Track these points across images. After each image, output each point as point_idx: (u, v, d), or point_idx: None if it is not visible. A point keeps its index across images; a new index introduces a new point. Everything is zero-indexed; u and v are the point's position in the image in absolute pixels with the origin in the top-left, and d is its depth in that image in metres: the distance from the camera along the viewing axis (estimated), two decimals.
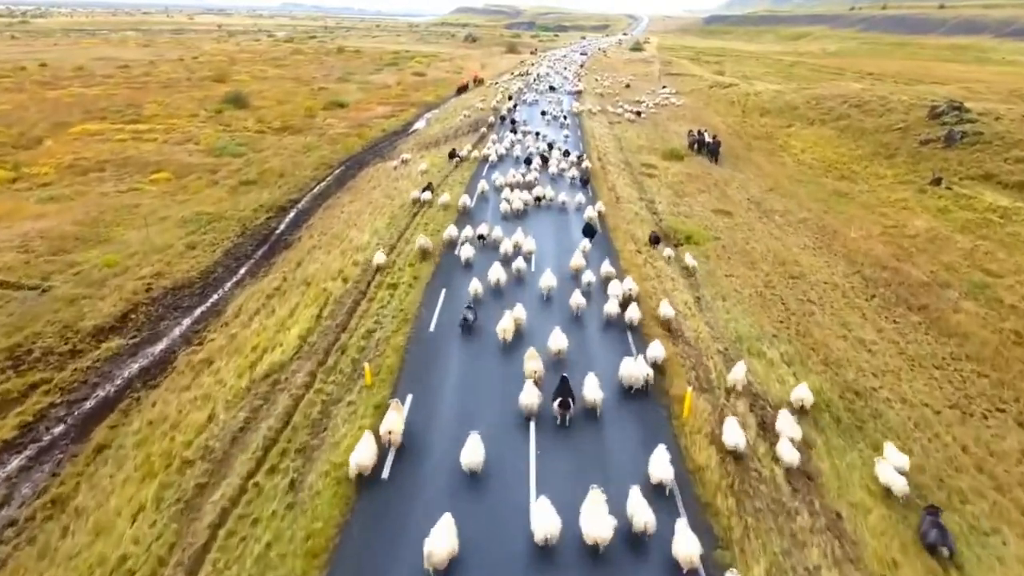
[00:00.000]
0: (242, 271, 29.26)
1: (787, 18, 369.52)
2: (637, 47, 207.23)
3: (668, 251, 29.35)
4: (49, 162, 47.05)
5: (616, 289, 22.39)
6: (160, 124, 62.28)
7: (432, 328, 19.66)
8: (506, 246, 26.40)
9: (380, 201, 34.93)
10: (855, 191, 41.90)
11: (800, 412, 17.09)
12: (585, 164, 43.53)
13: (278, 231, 34.70)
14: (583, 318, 21.29)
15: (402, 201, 34.24)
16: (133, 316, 24.61)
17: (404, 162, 45.35)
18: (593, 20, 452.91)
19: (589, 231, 28.99)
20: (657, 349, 18.23)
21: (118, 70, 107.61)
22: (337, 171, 48.17)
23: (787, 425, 15.94)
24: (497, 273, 23.05)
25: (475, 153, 45.75)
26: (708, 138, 57.12)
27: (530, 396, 15.56)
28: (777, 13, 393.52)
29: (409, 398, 15.88)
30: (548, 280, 22.81)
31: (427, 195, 34.71)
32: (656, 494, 12.96)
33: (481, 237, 27.63)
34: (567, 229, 31.51)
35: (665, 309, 21.51)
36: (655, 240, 30.18)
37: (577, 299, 21.41)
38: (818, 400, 17.71)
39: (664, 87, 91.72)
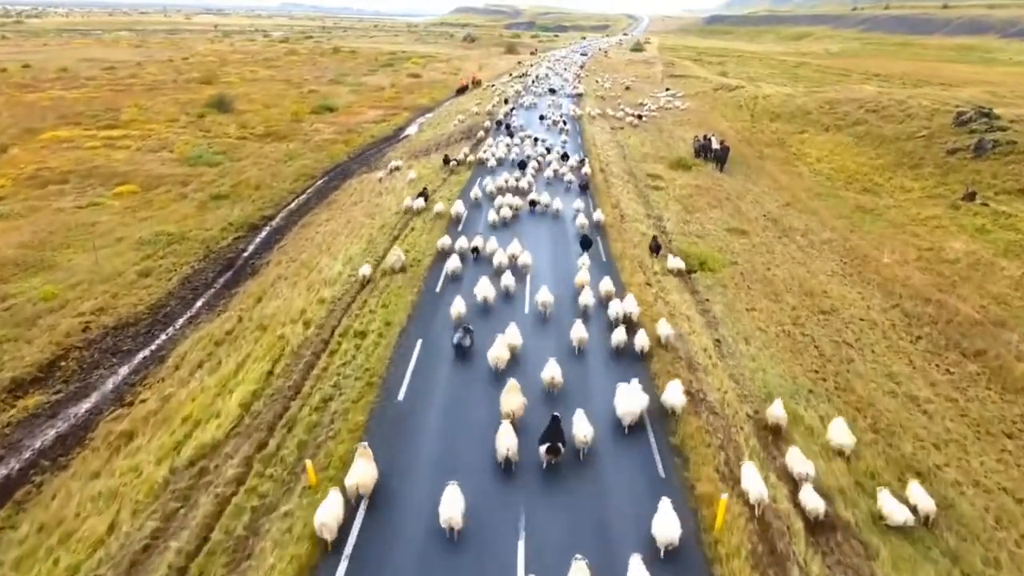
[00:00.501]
0: (198, 304, 25.84)
1: (788, 18, 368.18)
2: (638, 47, 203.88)
3: (674, 262, 27.29)
4: (9, 173, 43.63)
5: (621, 326, 20.10)
6: (136, 130, 58.86)
7: (401, 396, 16.19)
8: (500, 258, 24.78)
9: (359, 220, 31.45)
10: (880, 206, 38.41)
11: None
12: (585, 169, 41.40)
13: (245, 254, 31.27)
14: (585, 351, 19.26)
15: (383, 221, 30.84)
16: (63, 364, 21.17)
17: (392, 172, 41.93)
18: (593, 20, 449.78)
19: (585, 243, 27.40)
20: (675, 394, 16.00)
21: (103, 72, 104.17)
22: (319, 182, 44.73)
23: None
24: (485, 291, 21.54)
25: (470, 158, 42.50)
26: (715, 144, 53.69)
27: (505, 440, 13.67)
28: (778, 13, 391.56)
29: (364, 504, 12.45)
30: (545, 296, 21.37)
31: (420, 202, 32.23)
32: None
33: (475, 251, 25.88)
34: (564, 239, 29.53)
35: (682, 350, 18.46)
36: (655, 248, 28.58)
37: (579, 332, 19.09)
38: (875, 489, 14.27)
39: (667, 89, 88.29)
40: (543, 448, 13.64)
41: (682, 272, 27.42)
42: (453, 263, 24.14)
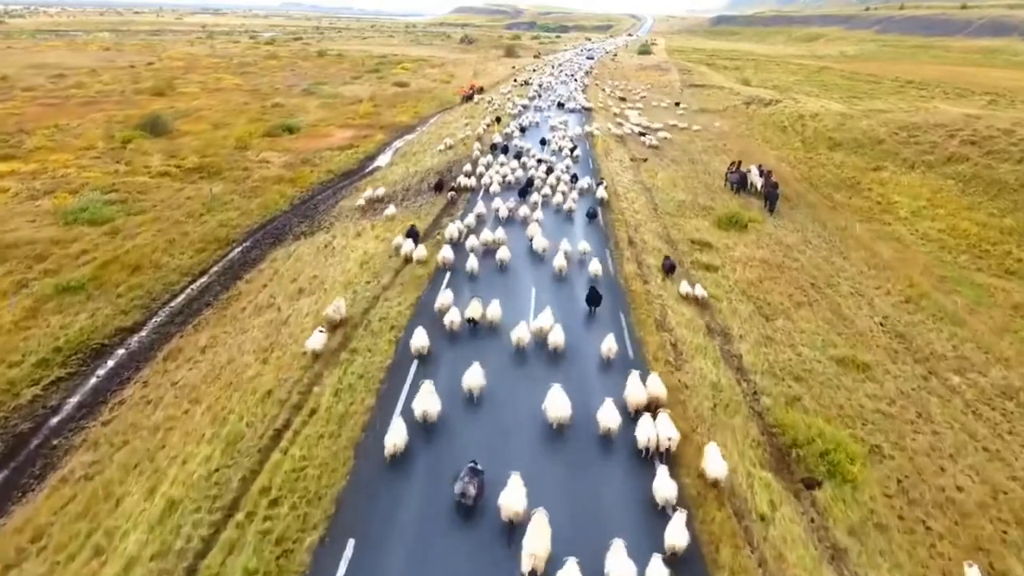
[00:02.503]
0: None
1: (798, 18, 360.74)
2: (645, 50, 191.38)
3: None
4: None
5: None
6: (34, 163, 46.46)
7: None
8: (520, 333, 19.16)
9: (242, 368, 18.90)
10: None
11: None
12: (601, 193, 35.92)
13: (45, 429, 18.65)
14: None
15: (294, 355, 18.49)
16: None
17: (331, 247, 29.50)
18: (595, 20, 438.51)
19: (593, 297, 22.01)
20: None
21: (48, 80, 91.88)
22: (235, 252, 32.27)
23: None
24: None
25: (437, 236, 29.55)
26: (755, 176, 41.52)
27: None
28: (787, 14, 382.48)
29: None
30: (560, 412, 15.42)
31: (410, 246, 26.03)
32: None
33: (472, 321, 20.15)
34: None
35: None
36: (669, 269, 25.90)
37: None
38: None
39: (677, 104, 75.69)
40: None
41: (803, 491, 15.11)
42: (419, 341, 18.10)
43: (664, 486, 13.30)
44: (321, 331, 18.91)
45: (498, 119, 57.87)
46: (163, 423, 16.59)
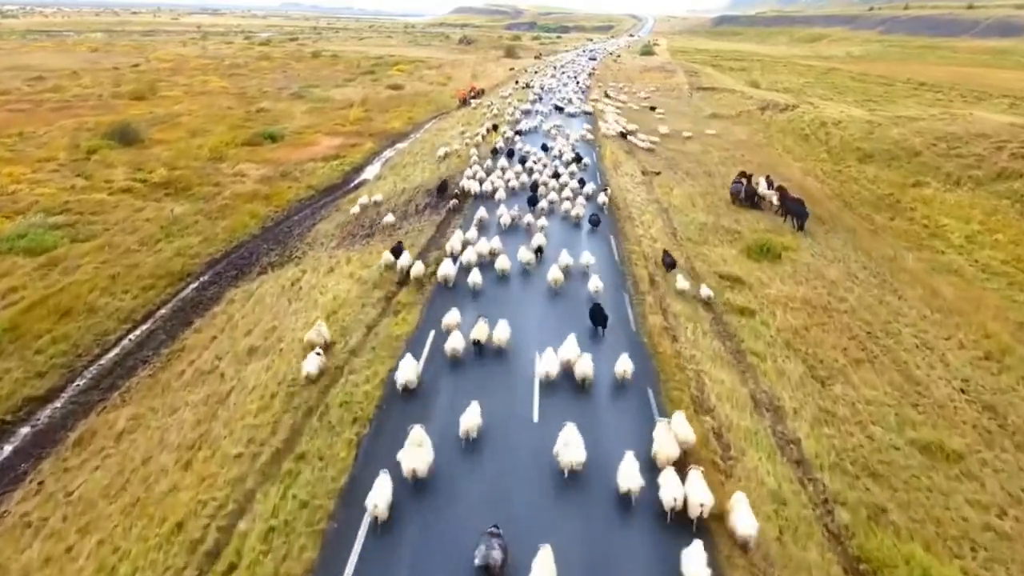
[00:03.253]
0: None
1: (799, 19, 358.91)
2: (648, 50, 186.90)
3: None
4: None
5: None
6: None
7: None
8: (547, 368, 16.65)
9: (162, 469, 14.41)
10: None
11: None
12: (603, 199, 34.01)
13: None
14: None
15: (224, 457, 14.10)
16: None
17: (296, 284, 25.07)
18: (596, 20, 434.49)
19: (598, 317, 19.71)
20: None
21: (25, 84, 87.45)
22: (190, 289, 27.80)
23: None
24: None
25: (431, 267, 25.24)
26: (765, 189, 37.39)
27: None
28: (790, 14, 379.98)
29: None
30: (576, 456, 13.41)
31: (406, 260, 23.86)
32: None
33: (477, 344, 18.00)
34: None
35: None
36: (670, 265, 25.46)
37: None
38: None
39: (658, 112, 71.34)
40: None
41: None
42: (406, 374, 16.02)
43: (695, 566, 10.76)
44: (319, 353, 17.33)
45: (495, 127, 53.34)
46: (33, 568, 12.11)
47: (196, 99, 79.45)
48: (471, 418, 14.31)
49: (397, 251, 24.62)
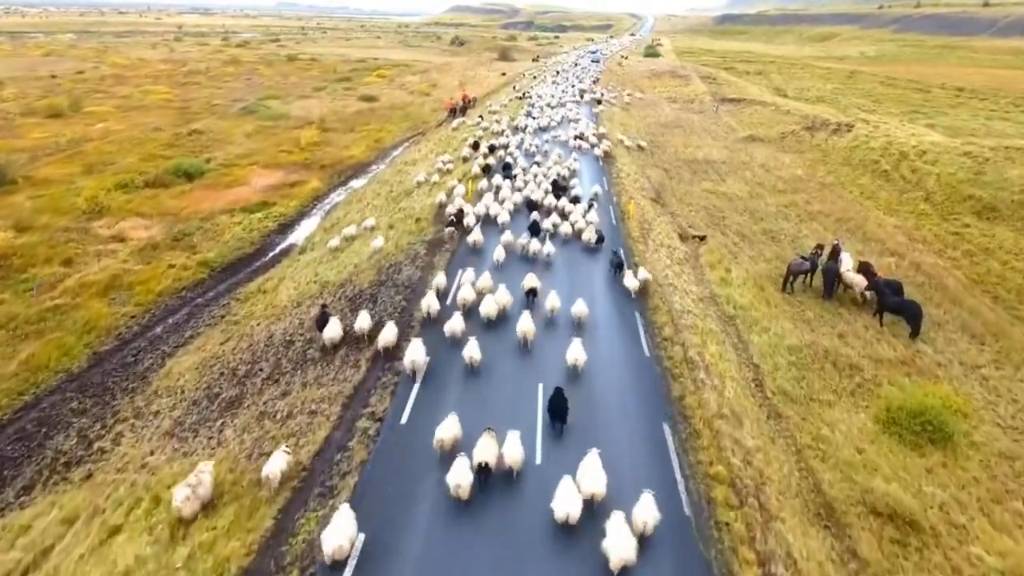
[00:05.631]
0: None
1: (807, 17, 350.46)
2: (652, 51, 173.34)
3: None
4: None
5: None
6: None
7: None
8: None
9: None
10: None
11: None
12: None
13: None
14: None
15: None
16: None
17: (88, 533, 12.12)
18: (595, 20, 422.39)
19: (557, 408, 15.02)
20: None
21: None
22: None
23: None
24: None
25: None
26: (848, 266, 24.96)
27: None
28: (796, 12, 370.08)
29: None
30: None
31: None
32: None
33: (483, 471, 13.01)
34: None
35: None
36: (618, 266, 23.46)
37: None
38: None
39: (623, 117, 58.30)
40: None
41: None
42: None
43: None
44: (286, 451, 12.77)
45: (487, 167, 39.17)
46: None
47: (125, 116, 66.33)
48: None
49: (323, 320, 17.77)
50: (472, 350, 16.95)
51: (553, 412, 15.11)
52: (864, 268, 25.87)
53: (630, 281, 22.54)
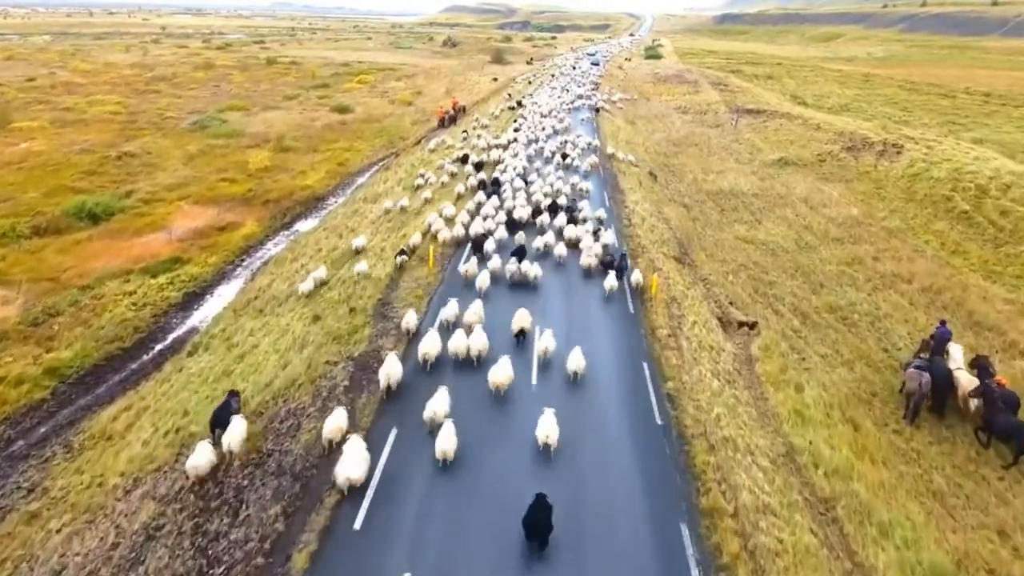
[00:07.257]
0: None
1: (810, 16, 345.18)
2: (654, 53, 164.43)
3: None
4: None
5: None
6: None
7: None
8: None
9: None
10: None
11: None
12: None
13: None
14: None
15: None
16: None
17: None
18: (592, 19, 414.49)
19: (536, 523, 11.96)
20: None
21: None
22: None
23: None
24: None
25: None
26: (963, 370, 17.27)
27: None
28: (799, 11, 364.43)
29: None
30: None
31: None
32: None
33: None
34: None
35: None
36: (607, 265, 22.76)
37: None
38: None
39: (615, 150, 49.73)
40: None
41: None
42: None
43: None
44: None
45: (482, 184, 31.64)
46: None
47: (57, 134, 57.51)
48: None
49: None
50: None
51: (531, 528, 11.54)
52: (980, 365, 17.74)
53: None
